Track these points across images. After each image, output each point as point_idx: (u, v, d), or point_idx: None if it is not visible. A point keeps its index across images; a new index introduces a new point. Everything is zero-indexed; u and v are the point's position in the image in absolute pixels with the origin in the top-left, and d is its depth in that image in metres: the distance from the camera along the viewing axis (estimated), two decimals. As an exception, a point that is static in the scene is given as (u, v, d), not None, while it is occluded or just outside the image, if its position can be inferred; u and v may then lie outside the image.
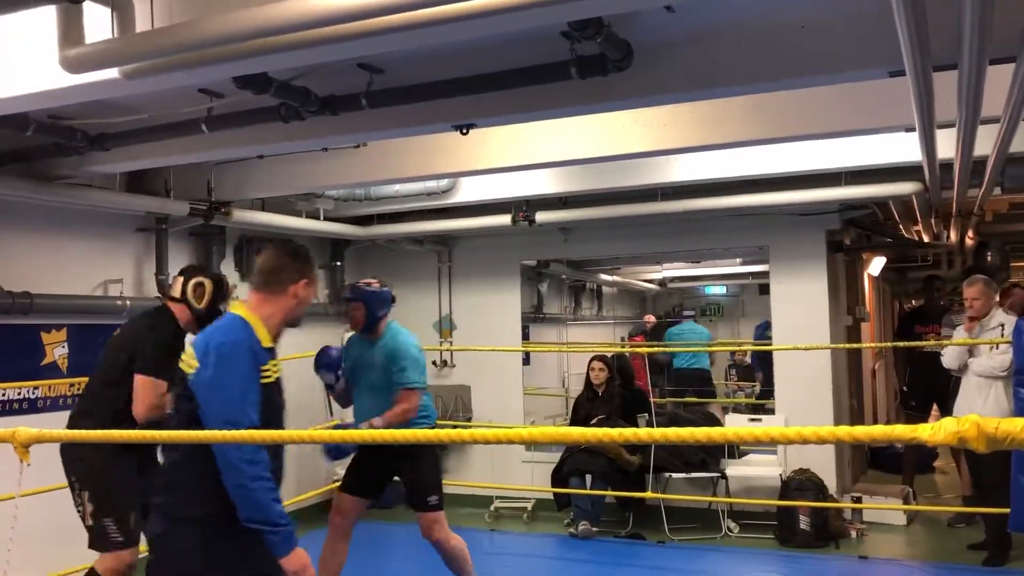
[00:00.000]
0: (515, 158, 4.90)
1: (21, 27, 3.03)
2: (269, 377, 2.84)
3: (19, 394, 5.22)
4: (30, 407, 5.27)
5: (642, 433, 1.43)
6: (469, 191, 6.49)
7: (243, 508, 2.64)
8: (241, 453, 2.61)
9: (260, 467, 2.65)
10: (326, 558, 4.67)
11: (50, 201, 5.22)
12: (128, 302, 5.75)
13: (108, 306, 5.67)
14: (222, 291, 4.13)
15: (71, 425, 4.00)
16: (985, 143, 4.08)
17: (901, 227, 7.69)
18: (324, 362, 4.84)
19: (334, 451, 4.68)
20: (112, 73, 2.86)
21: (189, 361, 2.78)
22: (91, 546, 3.94)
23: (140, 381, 3.88)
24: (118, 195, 5.63)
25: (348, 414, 7.36)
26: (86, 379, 5.53)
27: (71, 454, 3.92)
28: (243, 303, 2.95)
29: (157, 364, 3.86)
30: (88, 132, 4.38)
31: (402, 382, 4.58)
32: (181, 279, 4.16)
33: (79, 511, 3.95)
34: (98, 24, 2.72)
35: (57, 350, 5.46)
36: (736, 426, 6.83)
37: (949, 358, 5.85)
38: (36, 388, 5.31)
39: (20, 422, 3.11)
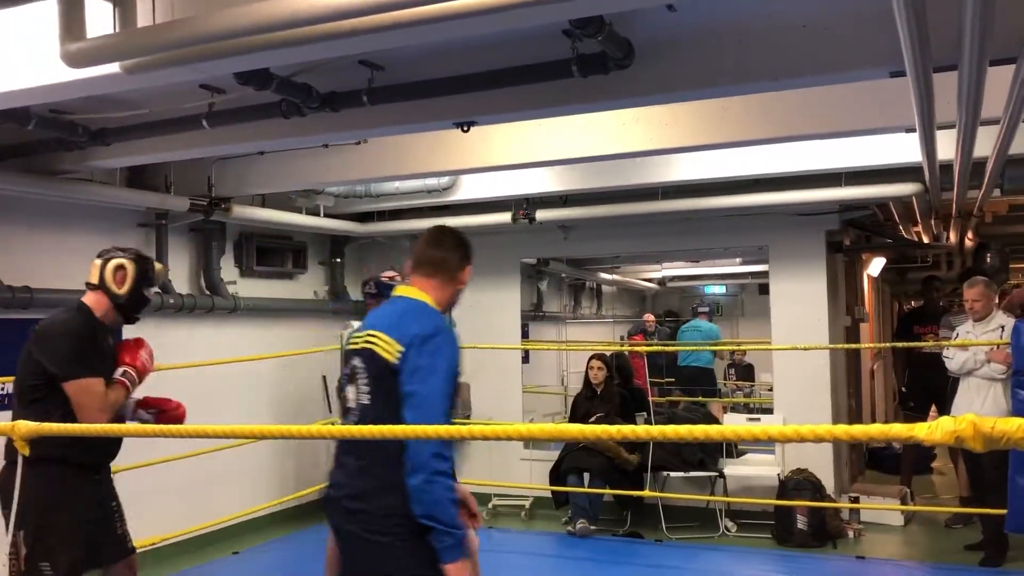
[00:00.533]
0: (516, 156, 4.91)
1: (23, 21, 3.04)
2: None
3: (18, 388, 5.21)
4: (29, 401, 5.27)
5: (639, 430, 1.44)
6: (469, 189, 6.50)
7: (425, 506, 2.45)
8: (432, 447, 2.44)
9: (447, 463, 2.49)
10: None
11: (51, 196, 5.22)
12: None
13: (108, 301, 5.68)
14: (147, 274, 3.54)
15: (9, 461, 3.31)
16: (985, 144, 4.09)
17: (901, 228, 7.70)
18: None
19: None
20: (113, 68, 2.87)
21: (386, 346, 2.59)
22: None
23: (75, 386, 3.26)
24: (119, 190, 5.64)
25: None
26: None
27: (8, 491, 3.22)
28: (413, 288, 2.85)
29: (84, 363, 3.30)
30: (89, 127, 4.39)
31: None
32: (99, 262, 3.50)
33: (10, 555, 3.23)
34: (100, 19, 2.72)
35: (57, 345, 5.45)
36: (734, 425, 6.85)
37: (956, 364, 5.81)
38: (35, 382, 5.30)
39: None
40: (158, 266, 3.70)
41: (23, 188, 4.98)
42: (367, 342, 2.64)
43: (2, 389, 5.15)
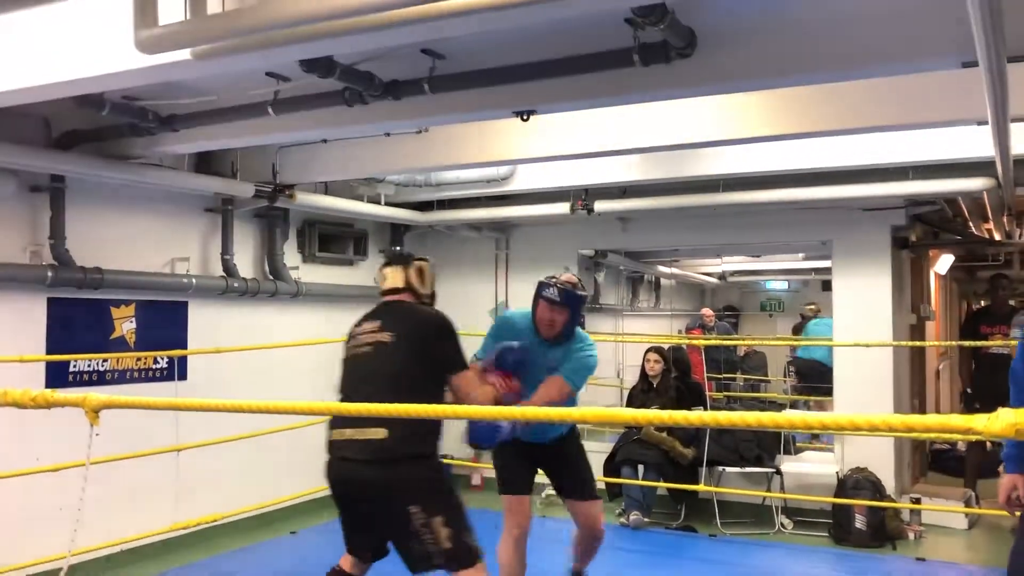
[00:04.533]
0: (575, 146, 4.90)
1: (99, 9, 3.13)
2: None
3: (89, 366, 5.41)
4: (99, 379, 5.46)
5: (692, 417, 1.44)
6: (528, 178, 6.51)
7: None
8: None
9: None
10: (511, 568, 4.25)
11: (122, 180, 5.38)
12: (194, 280, 5.92)
13: (175, 283, 5.85)
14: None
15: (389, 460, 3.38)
16: (1061, 138, 3.97)
17: (971, 224, 7.49)
18: (511, 362, 3.97)
19: (485, 436, 3.95)
20: (184, 55, 2.94)
21: None
22: (453, 570, 3.36)
23: (463, 378, 3.53)
24: (186, 176, 5.79)
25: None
26: (153, 354, 5.74)
27: (403, 479, 3.35)
28: None
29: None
30: (159, 113, 4.52)
31: (563, 372, 4.07)
32: (397, 268, 3.85)
33: (429, 545, 3.29)
34: (172, 6, 2.79)
35: (125, 324, 5.64)
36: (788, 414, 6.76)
37: None
38: (105, 360, 5.50)
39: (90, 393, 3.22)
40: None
41: (96, 172, 5.14)
42: None
43: (74, 366, 5.33)
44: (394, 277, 3.79)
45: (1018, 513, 3.32)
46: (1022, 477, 3.32)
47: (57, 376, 5.22)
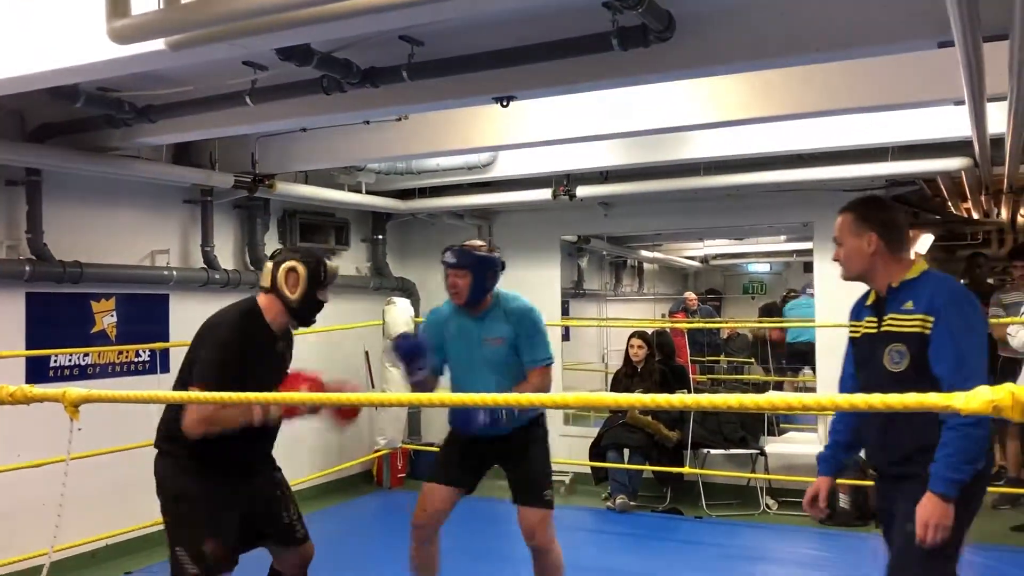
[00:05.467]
0: (555, 131, 4.90)
1: (71, -1, 3.09)
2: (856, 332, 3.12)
3: (70, 360, 5.37)
4: (81, 373, 5.43)
5: (675, 400, 1.44)
6: (509, 165, 6.49)
7: None
8: None
9: None
10: (412, 560, 4.00)
11: (99, 172, 5.33)
12: (174, 272, 5.88)
13: (155, 276, 5.81)
14: (320, 277, 3.43)
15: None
16: (1038, 116, 3.98)
17: (950, 204, 7.54)
18: (403, 352, 3.88)
19: (462, 422, 3.89)
20: (158, 44, 2.91)
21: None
22: None
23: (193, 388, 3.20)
24: (165, 167, 5.74)
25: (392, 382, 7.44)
26: (134, 347, 5.70)
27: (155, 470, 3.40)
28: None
29: (219, 371, 3.21)
30: (136, 104, 4.47)
31: (537, 359, 3.97)
32: (271, 265, 3.45)
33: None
34: (145, -5, 2.76)
35: (106, 318, 5.60)
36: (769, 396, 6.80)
37: (1020, 341, 5.67)
38: (86, 355, 5.46)
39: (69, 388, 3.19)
40: (332, 268, 3.50)
41: (73, 165, 5.09)
42: None
43: (55, 361, 5.29)
44: (264, 275, 3.45)
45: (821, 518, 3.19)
46: (829, 480, 3.16)
47: (37, 371, 5.18)
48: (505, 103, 3.92)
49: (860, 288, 3.19)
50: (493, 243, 4.11)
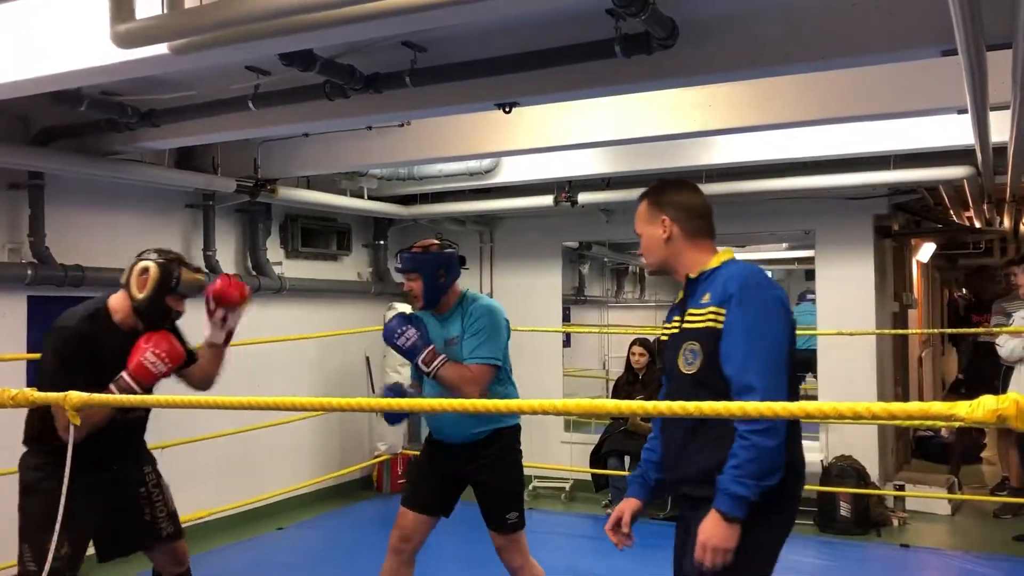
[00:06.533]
0: (558, 138, 4.89)
1: (73, 2, 3.10)
2: None
3: (71, 364, 5.35)
4: (81, 377, 5.41)
5: (676, 407, 1.44)
6: (511, 171, 6.50)
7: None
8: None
9: None
10: None
11: (102, 176, 5.34)
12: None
13: (157, 280, 5.80)
14: (170, 283, 3.30)
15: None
16: (1040, 125, 3.98)
17: (952, 213, 7.54)
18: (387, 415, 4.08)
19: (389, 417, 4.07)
20: (161, 49, 2.91)
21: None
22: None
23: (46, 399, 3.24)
24: (167, 171, 5.74)
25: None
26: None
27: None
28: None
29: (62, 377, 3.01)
30: (139, 108, 4.47)
31: (476, 356, 3.69)
32: (132, 261, 3.39)
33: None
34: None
35: (108, 322, 5.58)
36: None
37: (1007, 350, 5.72)
38: (87, 359, 5.44)
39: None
40: (189, 275, 3.35)
41: (75, 168, 5.09)
42: None
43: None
44: (125, 271, 3.35)
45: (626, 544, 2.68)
46: (634, 503, 2.69)
47: (39, 375, 5.17)
48: (508, 109, 3.92)
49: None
50: (445, 238, 3.96)
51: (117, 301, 3.32)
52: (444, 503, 3.89)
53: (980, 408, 1.13)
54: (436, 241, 3.87)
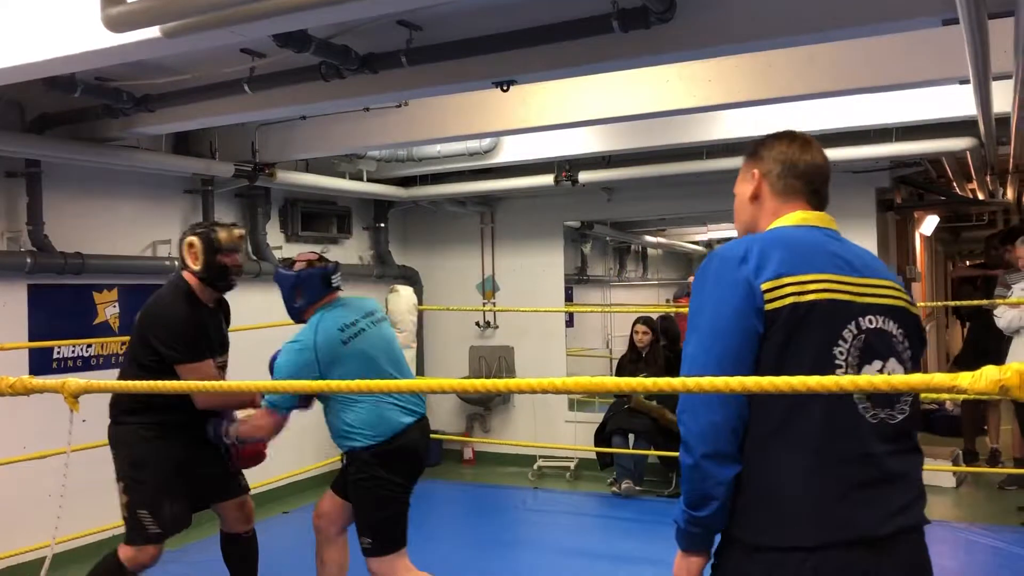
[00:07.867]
0: (557, 116, 4.86)
1: (65, -13, 3.06)
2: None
3: (73, 352, 5.37)
4: (84, 364, 5.42)
5: (677, 383, 1.42)
6: (511, 151, 6.46)
7: None
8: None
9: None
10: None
11: (99, 163, 5.31)
12: (176, 262, 5.86)
13: (157, 266, 5.80)
14: (213, 243, 3.64)
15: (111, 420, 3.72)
16: (1044, 95, 3.94)
17: (955, 184, 7.50)
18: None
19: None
20: (153, 32, 2.88)
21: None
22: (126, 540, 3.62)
23: (186, 369, 3.55)
24: (165, 156, 5.72)
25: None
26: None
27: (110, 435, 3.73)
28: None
29: (192, 347, 3.61)
30: (134, 93, 4.44)
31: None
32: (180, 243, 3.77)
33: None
34: (139, -18, 2.73)
35: (109, 309, 5.59)
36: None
37: (1005, 321, 5.75)
38: (89, 346, 5.45)
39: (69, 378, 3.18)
40: (226, 232, 3.68)
41: (72, 155, 5.07)
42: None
43: (58, 352, 5.28)
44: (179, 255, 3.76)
45: None
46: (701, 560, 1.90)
47: (41, 363, 5.17)
48: (505, 87, 3.89)
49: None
50: (325, 256, 3.80)
51: (189, 279, 3.68)
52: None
53: (983, 378, 1.11)
54: (315, 257, 3.73)
